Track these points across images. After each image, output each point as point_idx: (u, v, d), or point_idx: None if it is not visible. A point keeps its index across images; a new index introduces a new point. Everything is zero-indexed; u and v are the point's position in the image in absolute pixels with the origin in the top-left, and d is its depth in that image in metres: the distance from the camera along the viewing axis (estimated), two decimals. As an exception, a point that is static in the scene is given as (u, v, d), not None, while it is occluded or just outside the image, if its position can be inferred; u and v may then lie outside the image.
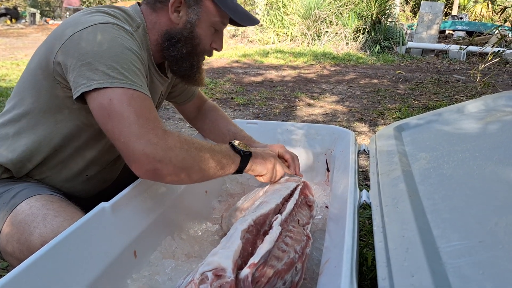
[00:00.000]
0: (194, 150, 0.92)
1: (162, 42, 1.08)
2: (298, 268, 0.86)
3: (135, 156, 0.86)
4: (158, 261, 1.02)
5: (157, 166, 0.86)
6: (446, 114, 1.27)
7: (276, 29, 9.59)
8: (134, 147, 0.85)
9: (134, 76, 0.90)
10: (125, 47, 0.92)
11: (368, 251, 1.39)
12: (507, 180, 0.76)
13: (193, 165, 0.92)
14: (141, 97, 0.89)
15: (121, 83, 0.87)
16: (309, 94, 4.47)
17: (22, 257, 0.84)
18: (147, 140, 0.85)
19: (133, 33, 0.99)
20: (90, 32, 0.91)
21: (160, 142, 0.86)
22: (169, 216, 1.15)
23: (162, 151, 0.86)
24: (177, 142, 0.89)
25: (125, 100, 0.86)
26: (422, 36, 8.70)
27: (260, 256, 0.76)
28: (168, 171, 0.88)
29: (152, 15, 1.08)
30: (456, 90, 4.80)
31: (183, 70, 1.13)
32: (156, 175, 0.89)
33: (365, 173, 2.23)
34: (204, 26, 1.08)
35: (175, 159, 0.88)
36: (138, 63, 0.94)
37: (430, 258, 0.61)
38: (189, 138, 0.95)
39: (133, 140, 0.85)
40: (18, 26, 15.81)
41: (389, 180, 0.95)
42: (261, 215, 0.93)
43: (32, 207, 0.93)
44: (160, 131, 0.88)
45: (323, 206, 1.30)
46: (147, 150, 0.85)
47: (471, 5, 15.33)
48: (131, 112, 0.86)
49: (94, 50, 0.88)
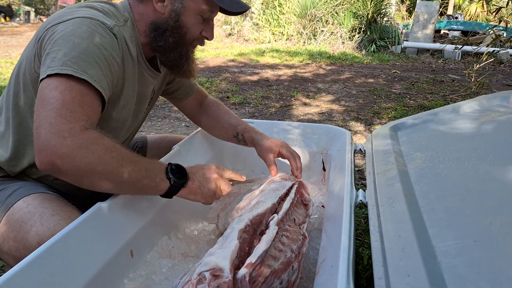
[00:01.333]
0: (109, 159, 0.85)
1: (149, 33, 1.07)
2: (294, 267, 0.86)
3: (39, 143, 0.81)
4: (154, 261, 1.02)
5: (55, 161, 0.80)
6: (442, 114, 1.27)
7: (272, 28, 9.59)
8: (41, 134, 0.80)
9: (91, 69, 0.87)
10: (94, 44, 0.90)
11: (364, 250, 1.40)
12: (501, 180, 0.77)
13: (100, 173, 0.84)
14: (83, 90, 0.86)
15: (71, 70, 0.84)
16: (305, 93, 4.48)
17: (19, 256, 0.84)
18: (57, 130, 0.80)
19: (113, 28, 0.97)
20: (66, 24, 0.92)
21: (71, 137, 0.80)
22: (166, 215, 1.15)
23: (67, 147, 0.80)
24: (92, 144, 0.83)
25: (60, 88, 0.84)
26: (417, 36, 8.73)
27: (257, 256, 0.77)
28: (68, 170, 0.81)
29: (139, 6, 1.07)
30: (451, 90, 4.82)
31: (171, 60, 1.11)
32: (53, 170, 0.82)
33: (361, 172, 2.23)
34: (191, 14, 1.06)
35: (79, 161, 0.81)
36: (102, 61, 0.91)
37: (425, 258, 0.61)
38: (112, 144, 0.87)
39: (44, 126, 0.81)
40: (12, 24, 15.71)
41: (385, 179, 0.95)
42: (258, 214, 0.93)
43: (29, 206, 0.93)
44: (78, 127, 0.82)
45: (319, 205, 1.31)
46: (52, 142, 0.79)
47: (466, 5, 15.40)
48: (58, 99, 0.82)
49: (59, 39, 0.89)
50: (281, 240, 0.89)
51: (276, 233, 0.88)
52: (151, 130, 3.12)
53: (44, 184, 1.08)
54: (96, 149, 0.83)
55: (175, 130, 3.15)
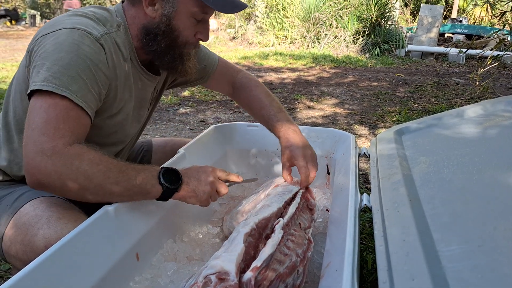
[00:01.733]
0: (95, 172, 0.86)
1: (141, 38, 1.06)
2: (299, 271, 0.87)
3: (26, 162, 0.83)
4: (160, 264, 1.03)
5: (42, 180, 0.83)
6: (446, 119, 1.28)
7: (275, 31, 9.61)
8: (27, 153, 0.83)
9: (73, 85, 0.88)
10: (79, 56, 0.90)
11: (368, 254, 1.40)
12: (506, 185, 0.77)
13: (87, 187, 0.86)
14: (67, 106, 0.87)
15: (53, 87, 0.86)
16: (309, 97, 4.48)
17: (26, 259, 0.85)
18: (40, 148, 0.82)
19: (100, 38, 0.96)
20: (52, 36, 0.92)
21: (55, 155, 0.82)
22: (171, 219, 1.15)
23: (51, 165, 0.82)
24: (76, 160, 0.84)
25: (44, 106, 0.85)
26: (421, 39, 8.72)
27: (263, 260, 0.77)
28: (55, 187, 0.84)
29: (131, 9, 1.06)
30: (456, 93, 4.81)
31: (165, 63, 1.10)
32: (41, 188, 0.85)
33: (365, 176, 2.23)
34: (183, 17, 1.03)
35: (65, 177, 0.83)
36: (88, 75, 0.91)
37: (430, 262, 0.62)
38: (97, 158, 0.88)
39: (29, 146, 0.83)
40: (18, 28, 15.82)
41: (389, 184, 0.95)
42: (263, 218, 0.94)
43: (36, 209, 0.94)
44: (61, 144, 0.84)
45: (323, 209, 1.31)
46: (36, 160, 0.82)
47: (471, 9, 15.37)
48: (42, 118, 0.84)
49: (47, 55, 0.89)
50: (286, 244, 0.90)
51: (281, 237, 0.88)
52: (155, 134, 3.13)
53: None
54: (80, 164, 0.84)
55: (180, 134, 3.16)
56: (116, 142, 1.15)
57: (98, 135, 1.05)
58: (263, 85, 1.41)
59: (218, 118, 3.59)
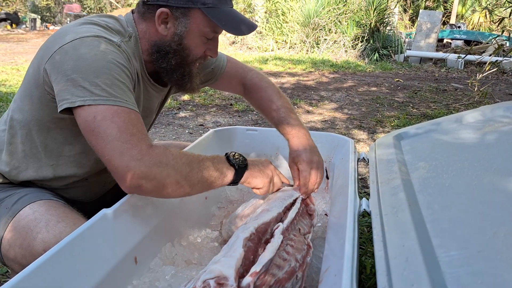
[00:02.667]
0: (181, 166, 0.91)
1: (152, 54, 1.07)
2: (298, 276, 0.86)
3: (118, 173, 0.85)
4: (158, 268, 1.03)
5: (140, 183, 0.86)
6: (445, 124, 1.28)
7: (275, 36, 9.64)
8: (116, 164, 0.84)
9: (118, 91, 0.90)
10: (108, 61, 0.91)
11: (367, 259, 1.40)
12: (505, 190, 0.77)
13: (178, 181, 0.90)
14: (125, 111, 0.89)
15: (104, 100, 0.87)
16: (308, 101, 4.49)
17: (24, 263, 0.85)
18: (130, 156, 0.84)
19: (120, 45, 0.98)
20: (75, 45, 0.90)
21: (144, 158, 0.86)
22: (169, 222, 1.15)
23: (145, 167, 0.85)
24: (163, 157, 0.88)
25: (108, 117, 0.86)
26: (420, 45, 8.75)
27: (262, 265, 0.77)
28: (153, 187, 0.88)
29: (142, 24, 1.06)
30: (454, 99, 4.82)
31: (174, 80, 1.11)
32: (141, 191, 0.89)
33: (364, 180, 2.23)
34: (194, 37, 1.05)
35: (159, 175, 0.87)
36: (123, 77, 0.93)
37: (429, 268, 0.62)
38: (176, 152, 0.93)
39: (115, 157, 0.84)
40: (19, 31, 15.85)
41: (388, 188, 0.95)
42: (263, 223, 0.93)
43: (35, 212, 0.94)
44: (144, 146, 0.87)
45: (322, 214, 1.31)
46: (131, 167, 0.84)
47: (469, 14, 15.45)
48: (113, 128, 0.86)
49: (78, 65, 0.88)
50: (285, 249, 0.90)
51: (281, 242, 0.88)
52: (155, 137, 3.13)
53: (49, 190, 1.09)
54: (168, 161, 0.89)
55: (179, 137, 3.16)
56: None
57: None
58: (275, 85, 1.42)
59: (217, 122, 3.59)
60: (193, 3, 1.00)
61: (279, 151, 1.61)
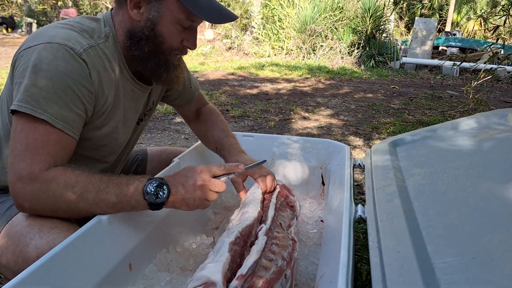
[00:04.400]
0: (70, 195, 0.87)
1: (126, 41, 1.03)
2: (287, 275, 0.86)
3: (10, 187, 0.87)
4: (153, 274, 1.02)
5: (24, 205, 0.88)
6: (440, 131, 1.28)
7: (271, 42, 9.68)
8: (9, 179, 0.87)
9: (53, 107, 0.88)
10: (57, 74, 0.89)
11: (362, 265, 1.40)
12: (500, 197, 0.77)
13: (66, 209, 0.89)
14: (47, 129, 0.88)
15: (31, 110, 0.86)
16: (304, 107, 4.50)
17: (17, 269, 0.84)
18: (18, 176, 0.86)
19: (82, 53, 0.93)
20: (34, 51, 0.90)
21: (31, 183, 0.86)
22: (165, 228, 1.15)
23: (29, 191, 0.86)
24: (51, 185, 0.86)
25: (25, 129, 0.87)
26: (416, 52, 8.81)
27: (248, 267, 0.77)
28: (36, 211, 0.89)
29: (118, 14, 1.03)
30: (449, 106, 4.85)
31: (148, 70, 1.07)
32: (23, 210, 0.90)
33: (360, 187, 2.24)
34: (168, 23, 1.00)
35: (44, 202, 0.87)
36: (67, 92, 0.90)
37: (424, 274, 0.62)
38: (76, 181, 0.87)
39: (10, 172, 0.87)
40: (14, 36, 15.82)
41: (384, 195, 0.96)
42: (247, 226, 0.94)
43: (28, 218, 0.93)
44: (37, 170, 0.86)
45: (318, 220, 1.31)
46: (17, 188, 0.86)
47: (464, 22, 15.58)
48: (22, 144, 0.87)
49: (26, 72, 0.88)
50: (271, 249, 0.90)
51: (265, 243, 0.89)
52: (150, 143, 3.12)
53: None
54: (55, 189, 0.86)
55: (175, 143, 3.15)
56: (107, 154, 1.13)
57: (88, 148, 1.04)
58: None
59: (213, 127, 3.59)
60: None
61: (275, 157, 1.61)
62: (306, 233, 1.23)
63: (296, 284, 0.94)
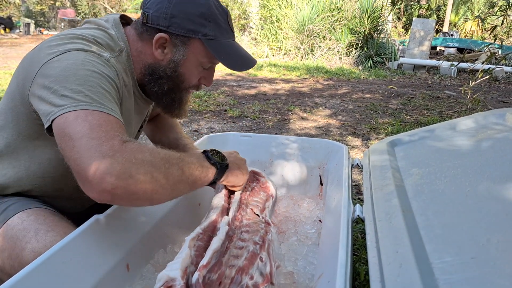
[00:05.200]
0: (159, 161, 0.80)
1: (145, 75, 1.04)
2: (263, 258, 0.86)
3: (87, 175, 0.72)
4: (150, 275, 1.01)
5: (114, 183, 0.72)
6: (438, 131, 1.28)
7: (270, 43, 9.68)
8: (85, 164, 0.72)
9: (103, 99, 0.83)
10: (93, 70, 0.86)
11: (360, 265, 1.39)
12: (498, 197, 0.77)
13: (157, 180, 0.78)
14: (105, 115, 0.81)
15: (87, 105, 0.80)
16: (302, 108, 4.50)
17: (13, 273, 0.82)
18: (99, 153, 0.73)
19: (109, 59, 0.94)
20: (60, 59, 0.86)
21: (116, 154, 0.74)
22: (162, 228, 1.14)
23: (118, 164, 0.73)
24: (138, 154, 0.77)
25: (80, 116, 0.78)
26: (413, 52, 8.83)
27: (209, 257, 0.78)
28: (127, 188, 0.74)
29: (138, 43, 1.03)
30: (447, 106, 4.86)
31: (163, 105, 1.09)
32: (112, 194, 0.74)
33: (358, 187, 2.24)
34: (190, 65, 1.03)
35: (136, 173, 0.74)
36: (108, 87, 0.88)
37: (423, 274, 0.61)
38: (156, 149, 0.84)
39: (84, 156, 0.73)
40: (12, 36, 15.78)
41: (382, 195, 0.95)
42: (210, 222, 0.95)
43: (24, 222, 0.91)
44: (117, 143, 0.76)
45: (316, 220, 1.31)
46: (102, 166, 0.72)
47: (462, 23, 15.62)
48: (84, 126, 0.76)
49: (61, 75, 0.83)
50: (240, 237, 0.91)
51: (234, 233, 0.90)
52: (149, 143, 3.11)
53: (39, 199, 1.07)
54: (144, 157, 0.77)
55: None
56: None
57: None
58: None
59: (211, 128, 3.59)
60: (194, 33, 0.98)
61: (273, 157, 1.61)
62: (304, 233, 1.23)
63: (279, 266, 0.94)
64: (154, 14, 0.98)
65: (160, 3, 0.97)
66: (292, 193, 1.56)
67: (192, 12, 0.97)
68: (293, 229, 1.25)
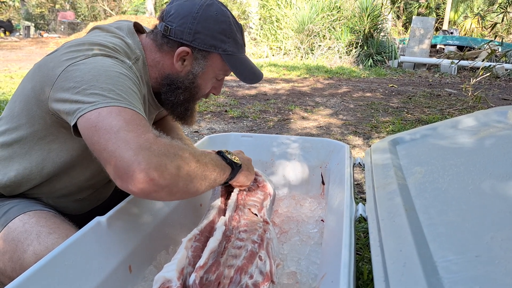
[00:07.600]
0: (188, 156, 0.83)
1: (161, 85, 1.08)
2: (263, 256, 0.85)
3: (124, 168, 0.73)
4: (153, 276, 1.00)
5: (152, 175, 0.74)
6: (440, 129, 1.28)
7: (269, 43, 9.68)
8: (122, 157, 0.73)
9: (132, 98, 0.85)
10: (121, 72, 0.88)
11: (364, 264, 1.39)
12: (501, 194, 0.77)
13: (189, 172, 0.82)
14: (135, 112, 0.82)
15: (118, 102, 0.81)
16: (303, 107, 4.50)
17: (14, 276, 0.83)
18: (137, 146, 0.74)
19: (132, 66, 0.97)
20: (86, 62, 0.87)
21: (153, 146, 0.76)
22: (164, 230, 1.14)
23: (154, 157, 0.75)
24: (171, 148, 0.80)
25: (114, 111, 0.79)
26: (414, 51, 8.82)
27: (205, 258, 0.78)
28: (165, 180, 0.76)
29: (156, 53, 1.05)
30: (448, 104, 4.85)
31: (176, 113, 1.13)
32: (153, 187, 0.75)
33: (360, 186, 2.23)
34: (207, 77, 1.09)
35: (170, 165, 0.77)
36: (135, 89, 0.90)
37: (427, 273, 0.61)
38: (182, 145, 0.86)
39: (121, 148, 0.74)
40: (12, 39, 15.81)
41: (385, 193, 0.95)
42: (207, 223, 0.95)
43: (26, 224, 0.91)
44: (151, 136, 0.79)
45: (318, 220, 1.30)
46: (139, 157, 0.73)
47: (461, 20, 15.60)
48: (119, 120, 0.78)
49: (89, 76, 0.84)
50: (239, 237, 0.91)
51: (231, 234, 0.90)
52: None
53: (41, 201, 1.07)
54: (175, 151, 0.80)
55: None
56: None
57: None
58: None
59: (212, 128, 3.58)
60: (215, 48, 1.04)
61: (274, 157, 1.60)
62: (307, 232, 1.23)
63: (279, 264, 0.94)
64: (178, 29, 1.01)
65: (184, 19, 1.01)
66: (294, 193, 1.56)
67: (215, 29, 1.02)
68: (295, 229, 1.25)
